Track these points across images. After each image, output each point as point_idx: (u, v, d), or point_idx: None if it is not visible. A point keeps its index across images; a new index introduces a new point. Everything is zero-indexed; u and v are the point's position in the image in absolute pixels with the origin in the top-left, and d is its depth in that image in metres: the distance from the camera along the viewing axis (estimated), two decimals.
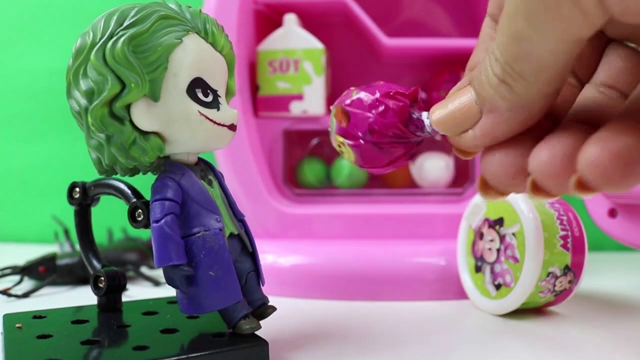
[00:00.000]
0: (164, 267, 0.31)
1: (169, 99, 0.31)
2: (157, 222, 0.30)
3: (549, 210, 0.43)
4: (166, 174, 0.32)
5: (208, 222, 0.32)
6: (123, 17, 0.30)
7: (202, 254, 0.31)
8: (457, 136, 0.25)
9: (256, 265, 0.34)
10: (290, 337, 0.38)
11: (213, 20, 0.33)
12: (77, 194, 0.38)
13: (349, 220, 0.56)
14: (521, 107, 0.22)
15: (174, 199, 0.31)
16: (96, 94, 0.30)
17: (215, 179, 0.34)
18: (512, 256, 0.43)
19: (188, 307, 0.32)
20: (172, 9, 0.31)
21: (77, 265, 0.55)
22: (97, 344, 0.32)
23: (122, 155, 0.31)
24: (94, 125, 0.30)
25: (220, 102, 0.33)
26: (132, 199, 0.34)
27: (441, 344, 0.37)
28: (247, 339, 0.32)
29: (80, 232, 0.39)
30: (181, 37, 0.31)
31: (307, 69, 0.57)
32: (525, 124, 0.23)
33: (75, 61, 0.30)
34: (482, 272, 0.46)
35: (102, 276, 0.38)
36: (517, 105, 0.22)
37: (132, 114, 0.30)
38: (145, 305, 0.39)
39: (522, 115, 0.22)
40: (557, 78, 0.21)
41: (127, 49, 0.29)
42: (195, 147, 0.32)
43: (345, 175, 0.60)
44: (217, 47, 0.33)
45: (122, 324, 0.35)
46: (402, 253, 0.53)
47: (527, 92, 0.22)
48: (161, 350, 0.30)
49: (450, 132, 0.25)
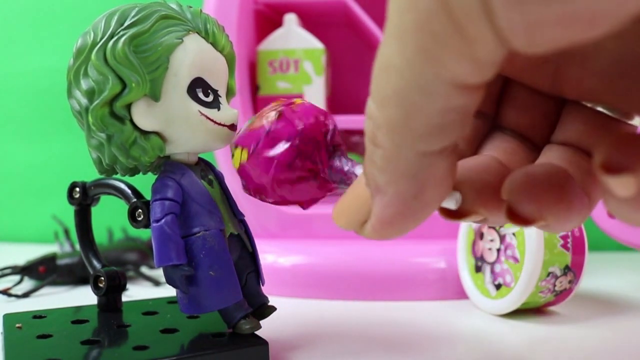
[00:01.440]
0: (164, 267, 0.31)
1: (170, 99, 0.31)
2: (157, 222, 0.30)
3: None
4: (166, 173, 0.32)
5: (208, 222, 0.32)
6: (124, 16, 0.30)
7: (202, 254, 0.31)
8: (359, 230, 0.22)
9: (256, 265, 0.34)
10: (290, 337, 0.38)
11: (214, 21, 0.33)
12: (77, 194, 0.38)
13: None
14: (401, 177, 0.18)
15: (174, 198, 0.31)
16: (97, 94, 0.30)
17: (216, 179, 0.34)
18: (512, 256, 0.43)
19: (188, 307, 0.32)
20: (173, 9, 0.32)
21: (77, 265, 0.55)
22: (97, 344, 0.32)
23: (123, 154, 0.31)
24: (95, 124, 0.30)
25: (220, 102, 0.33)
26: (132, 198, 0.34)
27: (441, 344, 0.37)
28: (247, 339, 0.32)
29: (81, 232, 0.39)
30: (182, 37, 0.31)
31: (307, 69, 0.57)
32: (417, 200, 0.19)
33: (76, 61, 0.31)
34: (482, 272, 0.46)
35: (102, 276, 0.38)
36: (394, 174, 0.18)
37: (132, 114, 0.30)
38: (145, 305, 0.39)
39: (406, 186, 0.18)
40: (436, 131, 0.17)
41: (128, 49, 0.29)
42: (195, 147, 0.32)
43: None
44: (217, 47, 0.33)
45: (122, 324, 0.35)
46: (402, 253, 0.53)
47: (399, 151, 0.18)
48: (161, 350, 0.30)
49: (350, 226, 0.22)
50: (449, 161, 0.18)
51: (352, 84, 0.68)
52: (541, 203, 0.19)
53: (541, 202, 0.19)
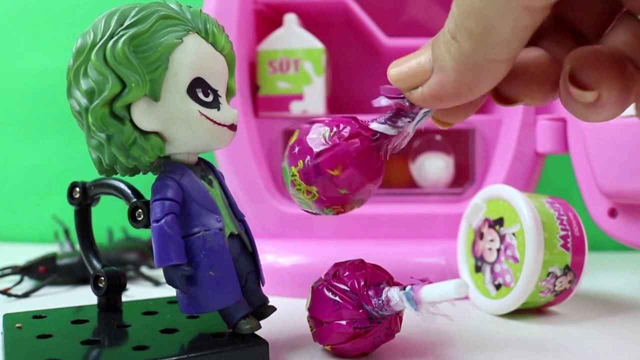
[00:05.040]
0: (164, 267, 0.31)
1: (170, 99, 0.31)
2: (157, 222, 0.30)
3: (549, 210, 0.43)
4: (166, 173, 0.32)
5: (208, 222, 0.32)
6: (124, 17, 0.30)
7: (202, 254, 0.31)
8: (408, 92, 0.25)
9: (256, 265, 0.34)
10: (290, 337, 0.38)
11: (213, 20, 0.33)
12: (77, 194, 0.38)
13: (349, 220, 0.56)
14: (467, 70, 0.22)
15: (174, 198, 0.31)
16: (97, 94, 0.30)
17: (216, 179, 0.34)
18: (512, 256, 0.43)
19: (188, 307, 0.32)
20: (173, 9, 0.32)
21: (77, 265, 0.55)
22: (97, 344, 0.32)
23: (123, 155, 0.31)
24: (95, 125, 0.30)
25: (220, 102, 0.33)
26: (132, 198, 0.34)
27: (441, 344, 0.37)
28: (247, 339, 0.32)
29: (81, 232, 0.39)
30: (182, 37, 0.31)
31: (307, 69, 0.57)
32: (471, 90, 0.23)
33: (76, 61, 0.30)
34: (482, 272, 0.46)
35: (102, 276, 0.38)
36: (463, 66, 0.22)
37: (132, 114, 0.30)
38: (145, 305, 0.39)
39: (468, 78, 0.22)
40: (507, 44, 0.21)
41: (128, 49, 0.29)
42: (195, 147, 0.32)
43: None
44: (217, 47, 0.33)
45: (122, 324, 0.35)
46: (402, 253, 0.53)
47: (474, 53, 0.21)
48: (161, 350, 0.30)
49: (402, 86, 0.25)
50: (509, 66, 0.22)
51: (352, 84, 0.68)
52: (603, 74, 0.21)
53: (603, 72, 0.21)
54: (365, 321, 0.33)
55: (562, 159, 0.60)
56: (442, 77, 0.23)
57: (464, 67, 0.22)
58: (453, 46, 0.22)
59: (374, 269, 0.34)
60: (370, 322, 0.33)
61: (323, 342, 0.34)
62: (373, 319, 0.33)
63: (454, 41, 0.22)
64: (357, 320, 0.32)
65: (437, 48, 0.23)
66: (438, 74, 0.23)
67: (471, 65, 0.22)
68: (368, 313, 0.33)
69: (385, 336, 0.34)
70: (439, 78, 0.23)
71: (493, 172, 0.58)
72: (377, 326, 0.33)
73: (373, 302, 0.32)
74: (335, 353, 0.35)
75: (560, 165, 0.69)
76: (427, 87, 0.24)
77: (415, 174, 0.61)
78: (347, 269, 0.34)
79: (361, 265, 0.35)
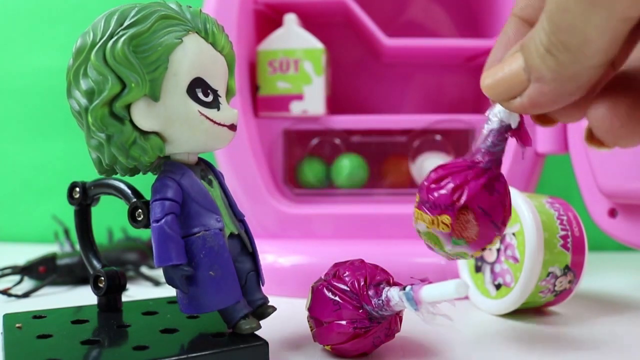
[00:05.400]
0: (164, 267, 0.31)
1: (169, 99, 0.31)
2: (157, 222, 0.30)
3: (549, 210, 0.43)
4: (166, 173, 0.32)
5: (208, 222, 0.32)
6: (123, 17, 0.30)
7: (202, 254, 0.31)
8: (506, 102, 0.25)
9: (256, 265, 0.34)
10: (290, 337, 0.38)
11: (213, 20, 0.33)
12: (77, 194, 0.38)
13: (349, 220, 0.56)
14: (567, 79, 0.22)
15: (174, 198, 0.31)
16: (96, 94, 0.30)
17: (216, 179, 0.34)
18: (512, 256, 0.43)
19: (188, 307, 0.32)
20: (173, 9, 0.31)
21: (77, 265, 0.55)
22: (97, 344, 0.32)
23: (122, 155, 0.31)
24: (94, 125, 0.30)
25: (220, 102, 0.33)
26: (132, 198, 0.34)
27: (441, 345, 0.37)
28: (247, 339, 0.32)
29: (80, 232, 0.39)
30: (181, 37, 0.31)
31: (307, 69, 0.57)
32: (573, 95, 0.23)
33: (76, 61, 0.30)
34: (482, 272, 0.46)
35: (102, 276, 0.38)
36: (563, 76, 0.22)
37: (132, 114, 0.30)
38: (145, 305, 0.39)
39: (569, 86, 0.22)
40: (604, 52, 0.21)
41: (128, 49, 0.29)
42: (195, 147, 0.32)
43: (345, 175, 0.60)
44: (217, 47, 0.33)
45: (122, 324, 0.35)
46: (402, 253, 0.53)
47: (573, 64, 0.22)
48: (161, 350, 0.30)
49: (499, 98, 0.25)
50: (606, 70, 0.22)
51: (352, 84, 0.68)
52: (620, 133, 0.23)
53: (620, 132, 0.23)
54: (365, 321, 0.33)
55: (562, 159, 0.60)
56: (541, 86, 0.23)
57: (563, 77, 0.22)
58: (549, 59, 0.22)
59: (374, 269, 0.34)
60: (370, 322, 0.33)
61: (323, 342, 0.34)
62: (373, 319, 0.33)
63: (549, 55, 0.22)
64: (357, 320, 0.33)
65: (531, 60, 0.23)
66: (537, 83, 0.23)
67: (570, 75, 0.22)
68: (368, 313, 0.33)
69: (385, 336, 0.34)
70: (538, 87, 0.23)
71: None
72: (377, 326, 0.33)
73: (373, 302, 0.32)
74: (335, 353, 0.35)
75: (560, 165, 0.69)
76: (527, 97, 0.24)
77: (415, 174, 0.61)
78: (347, 269, 0.34)
79: (361, 265, 0.35)
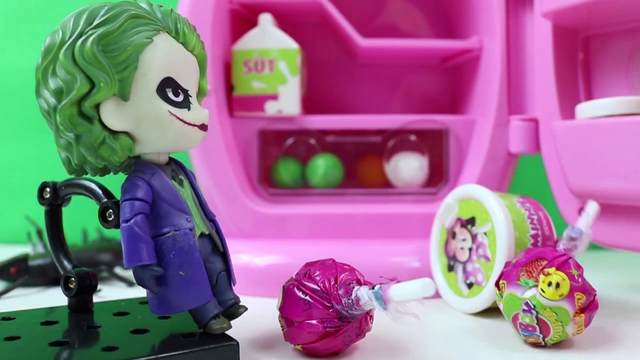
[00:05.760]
0: (134, 267, 0.31)
1: (139, 99, 0.30)
2: (126, 222, 0.30)
3: (520, 209, 0.44)
4: (136, 173, 0.32)
5: (178, 222, 0.32)
6: (93, 16, 0.30)
7: (172, 254, 0.31)
8: None
9: (227, 265, 0.34)
10: (261, 337, 0.38)
11: (184, 20, 0.33)
12: (47, 194, 0.38)
13: (324, 220, 0.56)
14: None
15: (144, 198, 0.31)
16: (65, 93, 0.29)
17: (186, 179, 0.34)
18: (484, 255, 0.43)
19: (158, 307, 0.32)
20: (143, 9, 0.31)
21: (49, 266, 0.54)
22: (66, 345, 0.31)
23: (91, 154, 0.31)
24: (63, 124, 0.30)
25: (191, 102, 0.33)
26: (102, 198, 0.34)
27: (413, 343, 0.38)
28: (218, 339, 0.32)
29: (51, 233, 0.39)
30: (151, 37, 0.31)
31: (282, 69, 0.57)
32: None
33: (45, 60, 0.30)
34: (454, 271, 0.46)
35: (73, 277, 0.37)
36: None
37: (101, 114, 0.30)
38: (116, 305, 0.39)
39: None
40: None
41: (97, 48, 0.29)
42: (165, 147, 0.32)
43: (320, 175, 0.60)
44: (188, 46, 0.33)
45: (92, 325, 0.35)
46: (377, 253, 0.53)
47: None
48: (131, 351, 0.30)
49: None
50: None
51: (327, 84, 0.68)
52: None
53: None
54: (335, 320, 0.33)
55: (535, 159, 0.61)
56: None
57: None
58: None
59: (344, 268, 0.35)
60: (340, 321, 0.33)
61: (294, 342, 0.34)
62: (343, 318, 0.33)
63: None
64: (328, 319, 0.33)
65: None
66: None
67: None
68: (338, 312, 0.33)
69: (356, 335, 0.34)
70: None
71: (466, 172, 0.59)
72: (348, 325, 0.33)
73: (343, 302, 0.32)
74: (307, 352, 0.35)
75: (533, 165, 0.70)
76: None
77: (390, 174, 0.61)
78: (318, 269, 0.34)
79: (332, 264, 0.35)
